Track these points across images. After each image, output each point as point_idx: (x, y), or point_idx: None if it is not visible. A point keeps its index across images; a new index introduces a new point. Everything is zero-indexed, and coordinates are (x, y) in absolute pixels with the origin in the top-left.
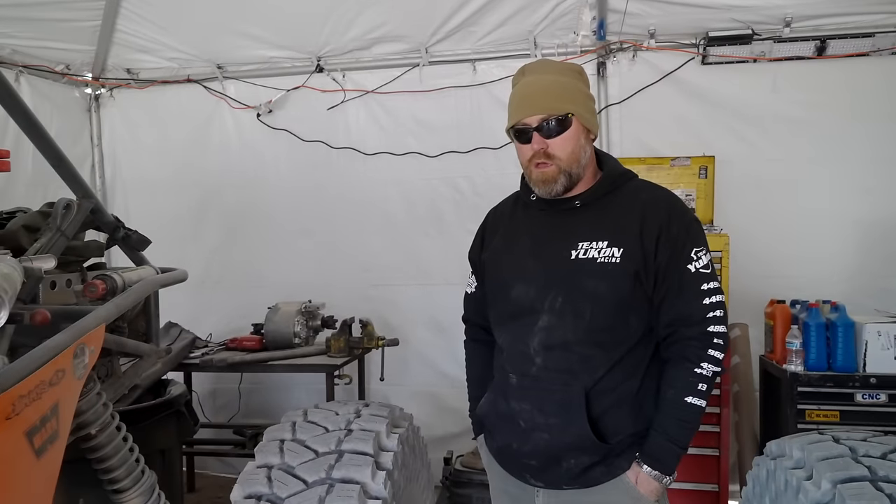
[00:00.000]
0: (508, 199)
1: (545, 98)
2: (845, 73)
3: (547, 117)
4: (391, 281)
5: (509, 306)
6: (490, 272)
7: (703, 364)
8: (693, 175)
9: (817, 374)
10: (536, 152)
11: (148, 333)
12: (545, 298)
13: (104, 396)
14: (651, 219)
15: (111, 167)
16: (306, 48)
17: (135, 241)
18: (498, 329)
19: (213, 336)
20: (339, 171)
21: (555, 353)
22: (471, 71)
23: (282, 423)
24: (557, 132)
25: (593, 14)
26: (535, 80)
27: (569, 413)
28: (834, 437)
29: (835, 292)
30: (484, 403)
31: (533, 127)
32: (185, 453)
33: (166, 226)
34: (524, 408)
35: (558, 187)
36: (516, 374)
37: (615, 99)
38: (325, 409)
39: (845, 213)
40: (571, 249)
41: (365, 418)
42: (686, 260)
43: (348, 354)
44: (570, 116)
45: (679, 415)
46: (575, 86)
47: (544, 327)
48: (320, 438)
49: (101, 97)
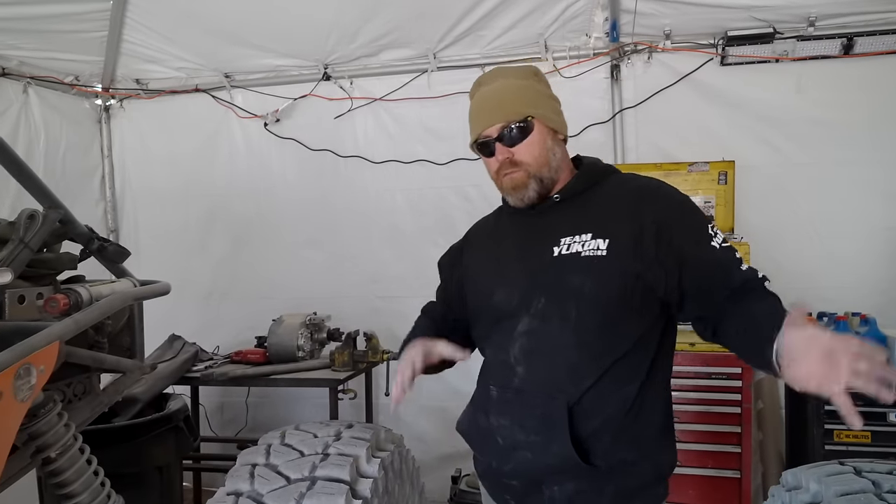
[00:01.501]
0: (492, 213)
1: (501, 106)
2: (873, 71)
3: (506, 124)
4: (400, 292)
5: (490, 314)
6: (472, 281)
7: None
8: (712, 181)
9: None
10: (502, 163)
11: (132, 348)
12: (528, 301)
13: (65, 417)
14: (643, 205)
15: (121, 178)
16: (313, 56)
17: (111, 253)
18: (480, 341)
19: (220, 348)
20: (347, 180)
21: (537, 361)
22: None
23: (258, 444)
24: (520, 138)
25: (605, 15)
26: (489, 90)
27: (551, 430)
28: (856, 468)
29: (865, 304)
30: (464, 419)
31: (494, 137)
32: (192, 469)
33: (175, 237)
34: (503, 423)
35: (530, 193)
36: (497, 386)
37: (630, 103)
38: (303, 431)
39: (875, 220)
40: (553, 246)
41: (344, 441)
42: (705, 238)
43: (352, 368)
44: (530, 120)
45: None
46: (532, 87)
47: (524, 332)
48: (294, 464)
49: (111, 108)
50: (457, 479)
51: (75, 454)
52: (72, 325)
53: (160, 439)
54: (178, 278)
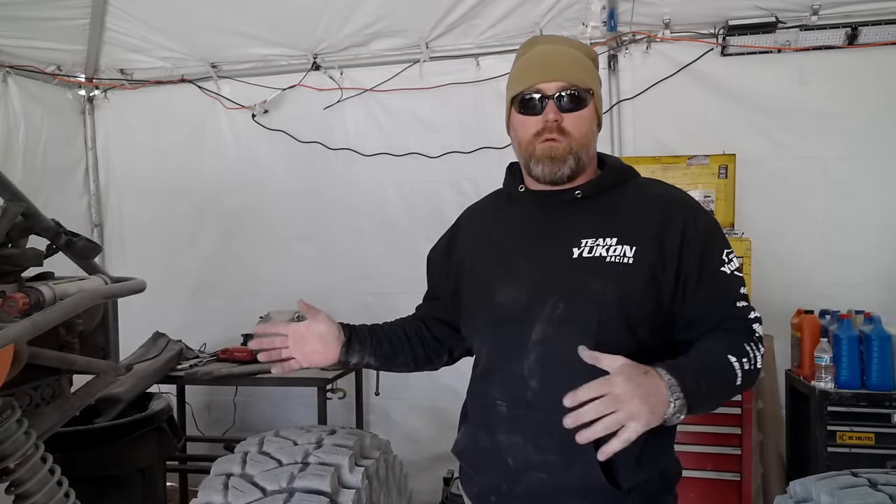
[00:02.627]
0: (488, 197)
1: (568, 65)
2: (879, 62)
3: (568, 86)
4: (392, 288)
5: (492, 312)
6: (467, 274)
7: (750, 346)
8: (712, 175)
9: (850, 393)
10: (548, 125)
11: (106, 349)
12: (542, 305)
13: (25, 425)
14: (672, 216)
15: (105, 171)
16: (302, 45)
17: (80, 248)
18: (478, 341)
19: (206, 346)
20: (338, 173)
21: (555, 374)
22: (474, 66)
23: (235, 452)
24: (576, 107)
25: (603, 3)
26: (552, 49)
27: (573, 449)
28: (871, 480)
29: (869, 302)
30: (461, 439)
31: (549, 94)
32: (178, 470)
33: (161, 231)
34: (515, 442)
35: (566, 169)
36: (506, 401)
37: (628, 94)
38: (283, 438)
39: (879, 215)
40: (573, 247)
41: (326, 449)
42: (718, 261)
43: (341, 367)
44: (591, 93)
45: (715, 365)
46: (593, 68)
47: (540, 340)
48: (271, 474)
49: (95, 99)
50: (449, 480)
51: (37, 464)
52: (29, 327)
53: (142, 441)
54: (165, 273)
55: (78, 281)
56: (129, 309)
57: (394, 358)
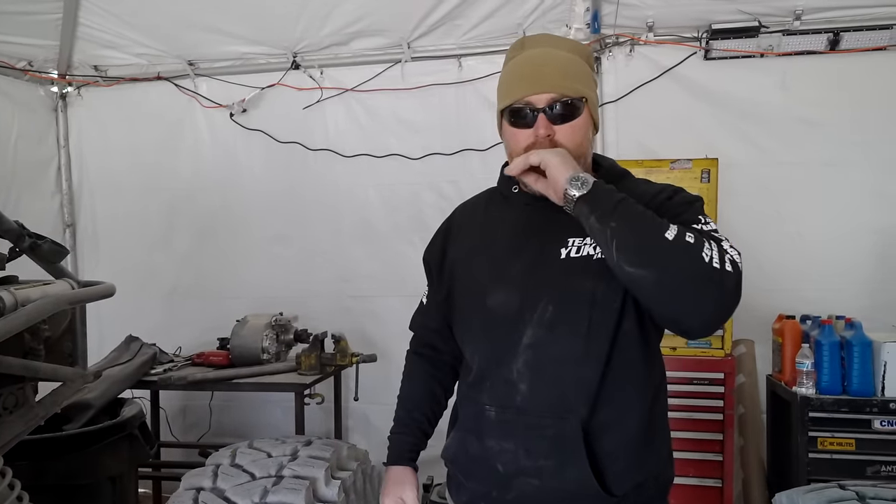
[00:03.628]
0: (481, 196)
1: (558, 75)
2: (861, 68)
3: (559, 97)
4: (371, 292)
5: (484, 317)
6: (460, 277)
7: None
8: (695, 179)
9: (831, 399)
10: (539, 139)
11: (73, 355)
12: (533, 308)
13: None
14: (654, 200)
15: (78, 170)
16: (281, 44)
17: (46, 252)
18: (470, 346)
19: (181, 350)
20: (317, 174)
21: (544, 377)
22: (456, 67)
23: (206, 464)
24: (568, 118)
25: (587, 5)
26: (543, 54)
27: (564, 453)
28: (859, 494)
29: (849, 307)
30: (451, 444)
31: (539, 107)
32: (151, 477)
33: (135, 232)
34: (506, 448)
35: None
36: (495, 406)
37: (611, 97)
38: (256, 450)
39: (861, 221)
40: (561, 247)
41: (301, 461)
42: (693, 221)
43: (320, 372)
44: (584, 102)
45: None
46: (586, 69)
47: (531, 344)
48: (243, 489)
49: (68, 96)
50: (428, 486)
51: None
52: None
53: (113, 448)
54: (139, 275)
55: (42, 286)
56: (102, 312)
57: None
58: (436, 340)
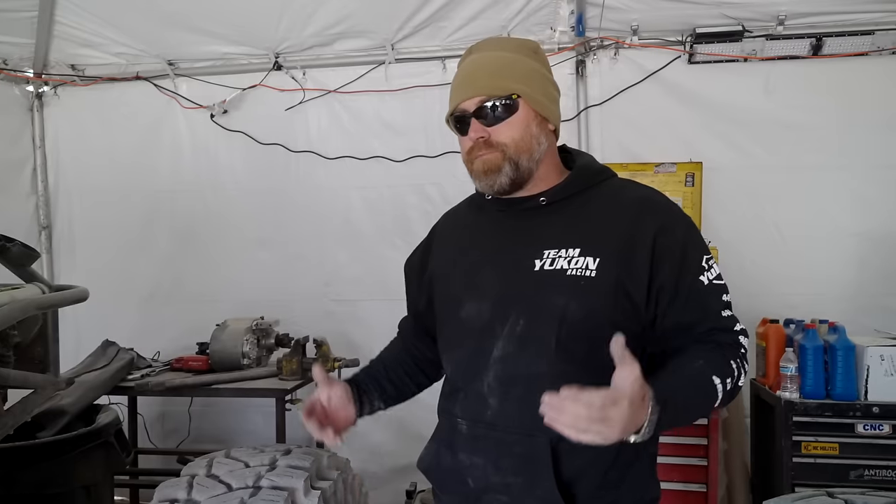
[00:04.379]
0: (463, 203)
1: (486, 77)
2: (843, 73)
3: (486, 98)
4: (355, 296)
5: (458, 329)
6: (439, 288)
7: (737, 363)
8: (679, 182)
9: (815, 403)
10: (476, 143)
11: (45, 361)
12: (504, 321)
13: None
14: (644, 221)
15: (55, 171)
16: (263, 44)
17: (15, 255)
18: (444, 358)
19: (160, 355)
20: (299, 176)
21: (514, 392)
22: (440, 69)
23: (181, 475)
24: (501, 118)
25: (571, 8)
26: (479, 58)
27: (533, 471)
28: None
29: (832, 311)
30: (426, 455)
31: (470, 113)
32: (128, 485)
33: (113, 235)
34: (475, 462)
35: (503, 178)
36: (466, 420)
37: (595, 100)
38: (233, 460)
39: (844, 225)
40: (535, 259)
41: (279, 471)
42: (697, 270)
43: (301, 377)
44: (514, 98)
45: (698, 384)
46: (525, 63)
47: (501, 357)
48: (219, 500)
49: (44, 95)
50: (412, 493)
51: None
52: None
53: (88, 456)
54: (117, 279)
55: (11, 290)
56: (79, 316)
57: (399, 396)
58: (416, 340)
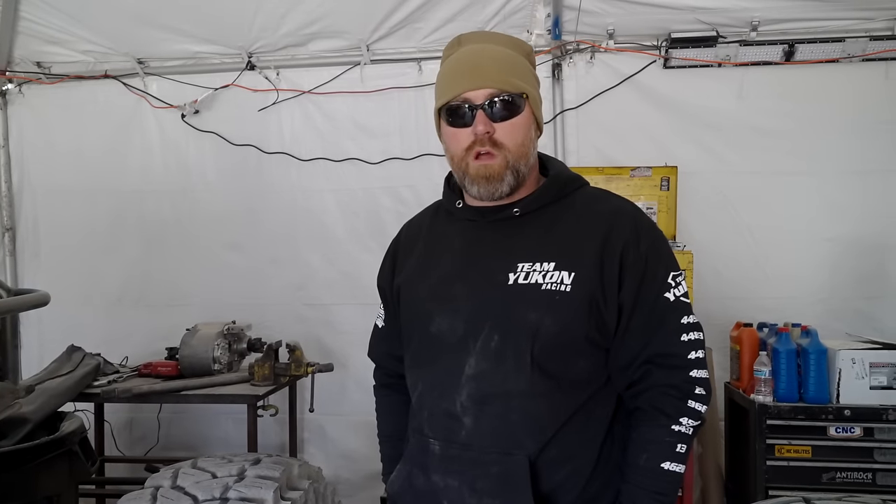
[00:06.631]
0: (426, 211)
1: (497, 70)
2: (815, 80)
3: (498, 93)
4: (328, 300)
5: (428, 345)
6: (406, 300)
7: (682, 420)
8: (654, 186)
9: (788, 406)
10: (479, 138)
11: (3, 368)
12: (477, 336)
13: None
14: (614, 235)
15: (19, 171)
16: (236, 43)
17: None
18: (412, 374)
19: (128, 360)
20: (272, 178)
21: (489, 411)
22: (416, 71)
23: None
24: (508, 115)
25: (548, 11)
26: (480, 49)
27: (510, 491)
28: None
29: (804, 315)
30: (396, 478)
31: (478, 104)
32: (94, 494)
33: (80, 237)
34: (450, 484)
35: (504, 187)
36: (438, 440)
37: (571, 104)
38: (200, 470)
39: (817, 230)
40: (509, 272)
41: (248, 482)
42: (663, 286)
43: (274, 383)
44: (524, 98)
45: (654, 486)
46: (527, 66)
47: (474, 375)
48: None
49: (8, 93)
50: (386, 500)
51: None
52: None
53: (51, 465)
54: (84, 282)
55: None
56: (43, 321)
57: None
58: (401, 369)
